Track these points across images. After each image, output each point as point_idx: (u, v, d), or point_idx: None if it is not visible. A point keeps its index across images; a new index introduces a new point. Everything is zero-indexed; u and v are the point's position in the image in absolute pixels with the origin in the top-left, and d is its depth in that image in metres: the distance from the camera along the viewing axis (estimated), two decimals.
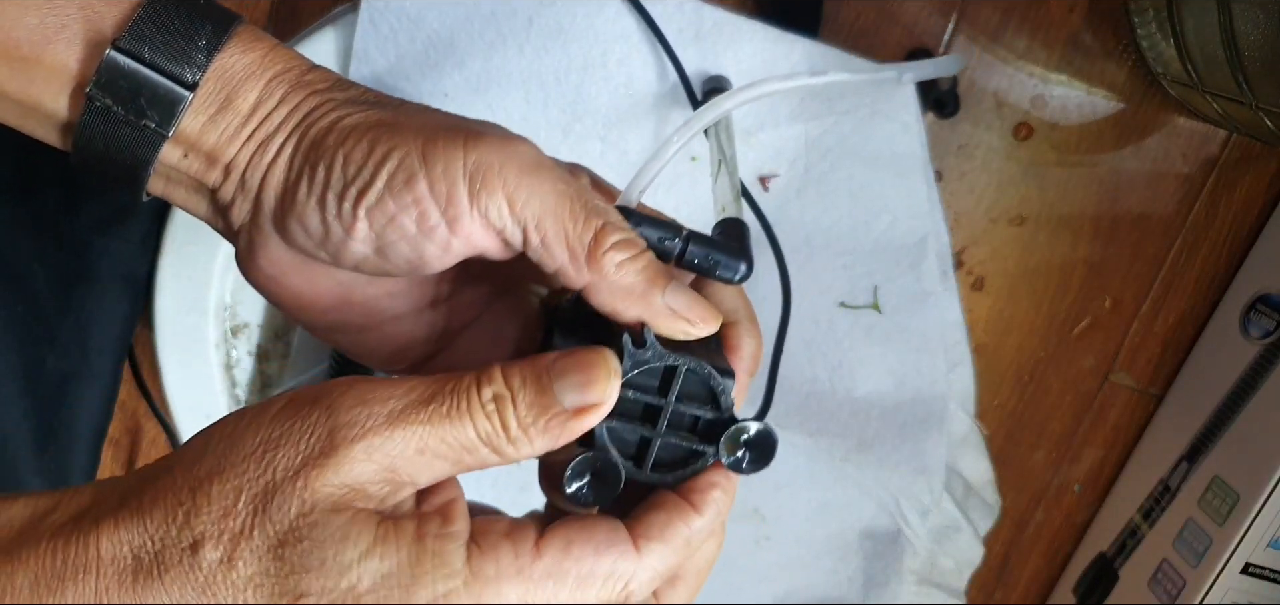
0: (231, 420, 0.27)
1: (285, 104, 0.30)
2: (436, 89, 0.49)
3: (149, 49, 0.29)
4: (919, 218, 0.55)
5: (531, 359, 0.28)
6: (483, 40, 0.48)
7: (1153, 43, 0.55)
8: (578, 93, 0.50)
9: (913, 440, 0.59)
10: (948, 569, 0.65)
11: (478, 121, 0.31)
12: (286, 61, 0.31)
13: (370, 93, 0.32)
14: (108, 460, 0.60)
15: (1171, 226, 0.62)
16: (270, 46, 0.31)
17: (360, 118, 0.30)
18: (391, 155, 0.29)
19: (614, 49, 0.49)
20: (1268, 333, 0.59)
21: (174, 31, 0.29)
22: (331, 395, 0.26)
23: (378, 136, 0.29)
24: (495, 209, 0.29)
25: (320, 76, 0.31)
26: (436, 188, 0.29)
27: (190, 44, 0.29)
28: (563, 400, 0.27)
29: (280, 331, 0.55)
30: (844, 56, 0.52)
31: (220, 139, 0.30)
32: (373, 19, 0.47)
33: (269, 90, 0.30)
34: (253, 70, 0.30)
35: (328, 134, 0.30)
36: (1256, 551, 0.59)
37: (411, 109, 0.31)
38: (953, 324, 0.59)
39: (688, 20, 0.49)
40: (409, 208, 0.29)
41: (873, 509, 0.62)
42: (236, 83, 0.30)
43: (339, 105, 0.31)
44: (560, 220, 0.29)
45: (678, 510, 0.29)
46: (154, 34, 0.29)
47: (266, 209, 0.31)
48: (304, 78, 0.31)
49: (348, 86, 0.32)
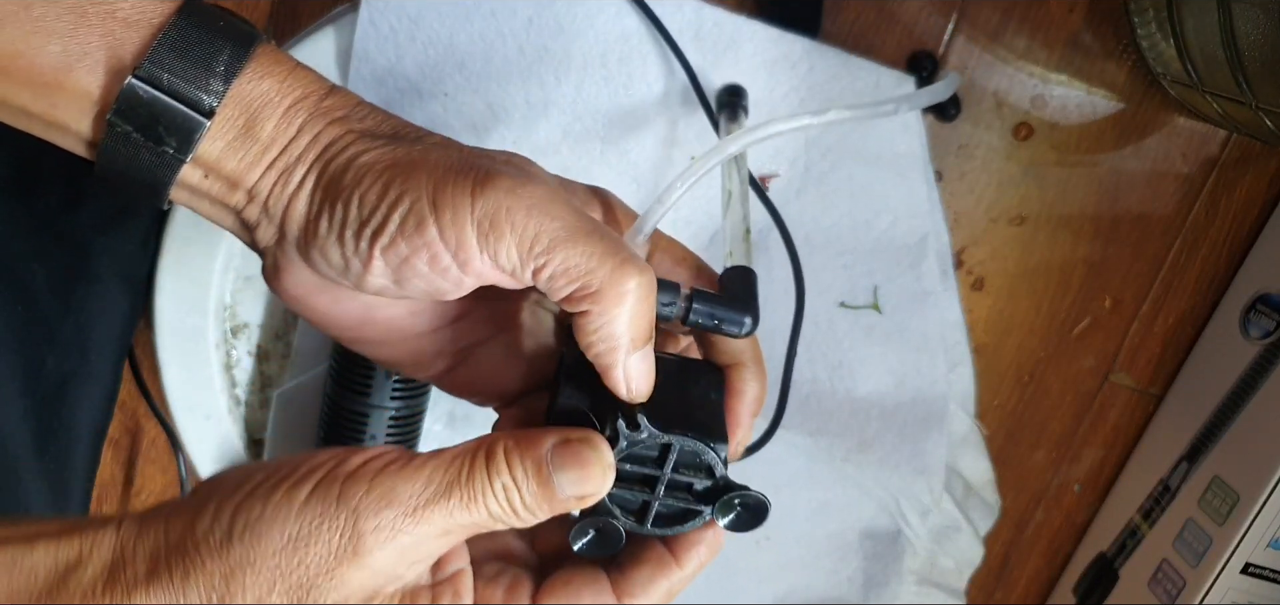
0: (252, 500, 0.28)
1: (305, 133, 0.31)
2: (437, 88, 0.49)
3: (168, 75, 0.29)
4: (919, 217, 0.55)
5: (532, 441, 0.30)
6: (482, 40, 0.48)
7: (1153, 43, 0.55)
8: (578, 92, 0.50)
9: (913, 440, 0.59)
10: (948, 569, 0.65)
11: (492, 157, 0.32)
12: (305, 86, 0.31)
13: (388, 121, 0.32)
14: (108, 460, 0.60)
15: (1171, 226, 0.62)
16: (289, 70, 0.31)
17: (376, 156, 0.31)
18: (403, 198, 0.30)
19: (614, 48, 0.49)
20: (1268, 333, 0.59)
21: (192, 58, 0.30)
22: (355, 495, 0.28)
23: (391, 179, 0.30)
24: (504, 253, 0.30)
25: (339, 102, 0.32)
26: (446, 234, 0.30)
27: (208, 71, 0.30)
28: (561, 492, 0.29)
29: (280, 332, 0.55)
30: (844, 56, 0.52)
31: (240, 165, 0.31)
32: (373, 19, 0.47)
33: (289, 118, 0.31)
34: (271, 97, 0.31)
35: (345, 171, 0.31)
36: (1256, 551, 0.59)
37: (428, 145, 0.32)
38: (953, 324, 0.59)
39: (688, 20, 0.49)
40: (421, 250, 0.30)
41: (873, 509, 0.62)
42: (255, 110, 0.31)
43: (357, 139, 0.31)
44: (567, 261, 0.30)
45: (662, 565, 0.32)
46: (172, 60, 0.29)
47: (290, 237, 0.32)
48: (323, 104, 0.31)
49: (365, 113, 0.32)
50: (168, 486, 0.61)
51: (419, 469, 0.28)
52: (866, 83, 0.53)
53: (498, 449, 0.29)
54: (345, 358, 0.50)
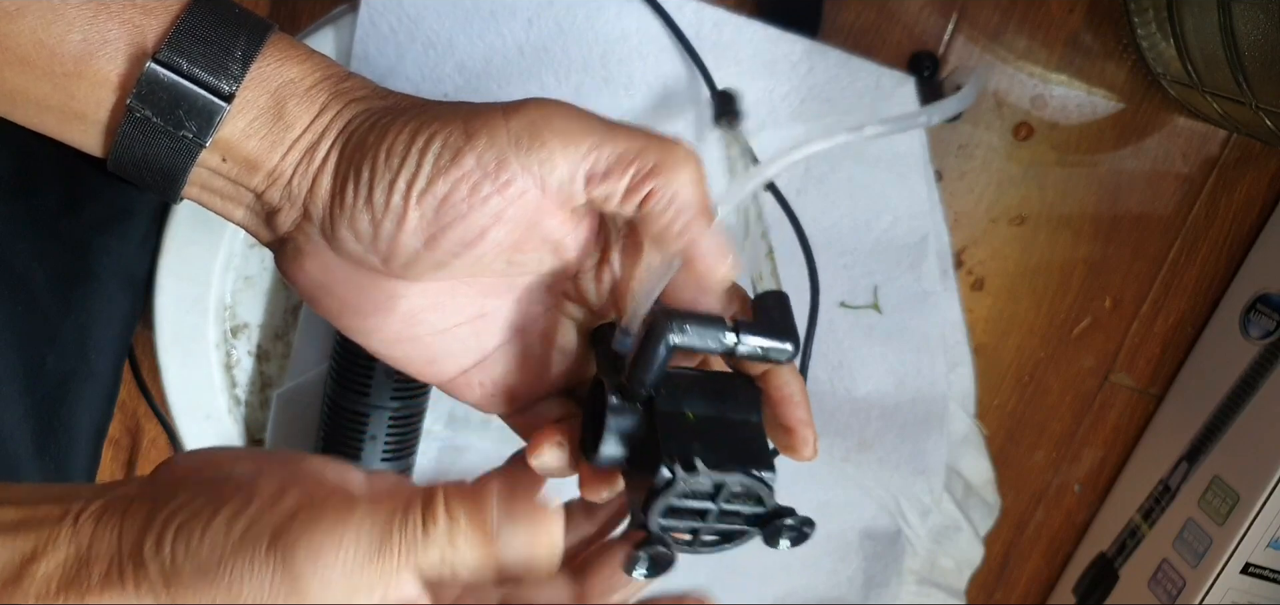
0: (192, 524, 0.27)
1: (327, 112, 0.31)
2: (436, 90, 0.49)
3: (187, 61, 0.30)
4: (919, 218, 0.55)
5: (477, 496, 0.28)
6: (482, 41, 0.48)
7: (1153, 43, 0.55)
8: (578, 92, 0.50)
9: (913, 440, 0.59)
10: (948, 569, 0.65)
11: (512, 101, 0.32)
12: (324, 69, 0.32)
13: (407, 97, 0.32)
14: (108, 460, 0.60)
15: (1171, 226, 0.62)
16: (304, 54, 0.32)
17: (401, 116, 0.31)
18: (435, 138, 0.30)
19: (614, 49, 0.49)
20: (1268, 333, 0.59)
21: (211, 43, 0.30)
22: (292, 546, 0.26)
23: (419, 126, 0.30)
24: (547, 162, 0.30)
25: (358, 84, 0.32)
26: (484, 158, 0.29)
27: (227, 55, 0.30)
28: (505, 553, 0.28)
29: (280, 332, 0.55)
30: (844, 57, 0.52)
31: (262, 146, 0.31)
32: (373, 19, 0.47)
33: (311, 98, 0.31)
34: (293, 79, 0.31)
35: (370, 133, 0.31)
36: (1256, 551, 0.59)
37: (448, 104, 0.32)
38: (953, 324, 0.59)
39: (688, 21, 0.49)
40: (459, 185, 0.29)
41: (873, 509, 0.62)
42: (279, 92, 0.31)
43: (379, 113, 0.31)
44: (617, 150, 0.30)
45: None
46: (192, 46, 0.30)
47: (315, 218, 0.32)
48: (341, 86, 0.32)
49: (386, 94, 0.32)
50: None
51: (352, 520, 0.27)
52: (866, 83, 0.53)
53: (436, 498, 0.27)
54: (345, 358, 0.50)
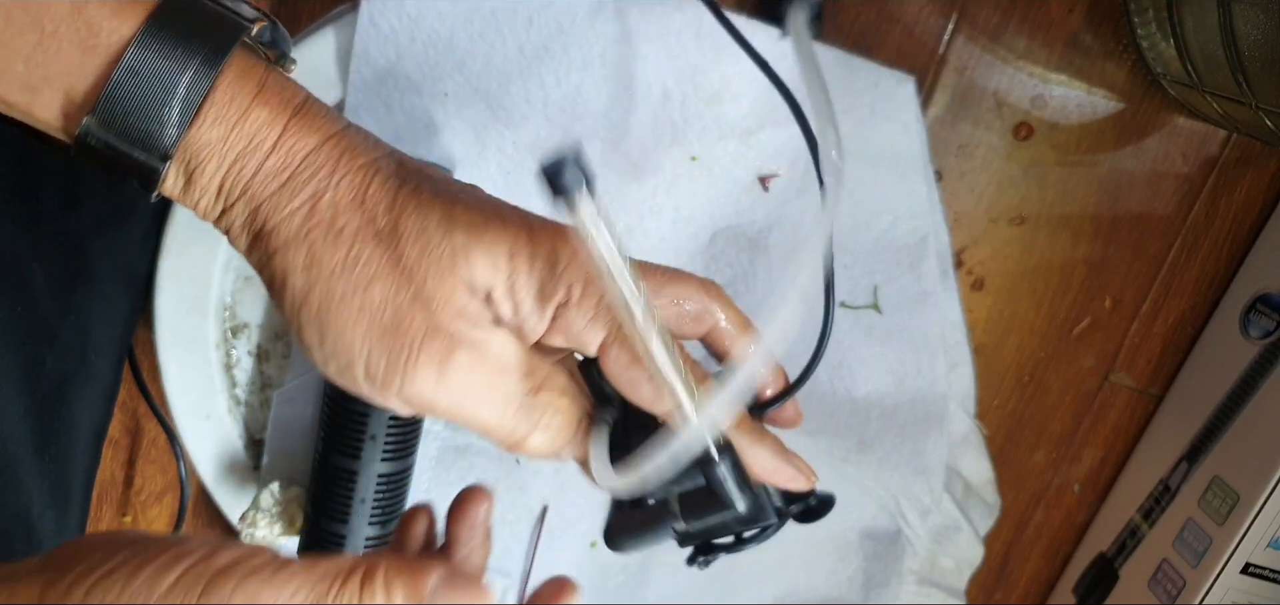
0: (111, 579, 0.26)
1: (237, 210, 0.30)
2: (436, 90, 0.49)
3: (117, 133, 0.28)
4: (919, 217, 0.55)
5: (417, 571, 0.28)
6: (483, 40, 0.48)
7: (1153, 43, 0.55)
8: (577, 93, 0.50)
9: (913, 440, 0.59)
10: (948, 569, 0.65)
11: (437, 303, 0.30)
12: (251, 134, 0.30)
13: (312, 186, 0.30)
14: (108, 460, 0.60)
15: (1171, 226, 0.62)
16: (237, 116, 0.29)
17: (301, 283, 0.30)
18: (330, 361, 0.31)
19: (614, 48, 0.49)
20: (1268, 333, 0.59)
21: (142, 101, 0.28)
22: (220, 592, 0.26)
23: (324, 326, 0.30)
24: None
25: (279, 161, 0.30)
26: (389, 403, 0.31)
27: (161, 115, 0.28)
28: None
29: (280, 331, 0.55)
30: (844, 56, 0.52)
31: (196, 208, 0.31)
32: (373, 18, 0.47)
33: (229, 182, 0.30)
34: (213, 150, 0.29)
35: (282, 293, 0.30)
36: (1257, 551, 0.59)
37: (356, 276, 0.30)
38: (953, 324, 0.59)
39: (687, 20, 0.49)
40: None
41: (873, 509, 0.62)
42: (194, 165, 0.30)
43: (281, 249, 0.30)
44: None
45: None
46: (123, 112, 0.28)
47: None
48: (264, 165, 0.30)
49: (299, 184, 0.30)
50: (168, 486, 0.61)
51: (289, 578, 0.27)
52: (866, 82, 0.53)
53: (378, 570, 0.28)
54: None
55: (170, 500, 0.61)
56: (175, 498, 0.61)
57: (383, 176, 0.30)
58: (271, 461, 0.55)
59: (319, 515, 0.51)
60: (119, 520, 0.62)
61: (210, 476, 0.56)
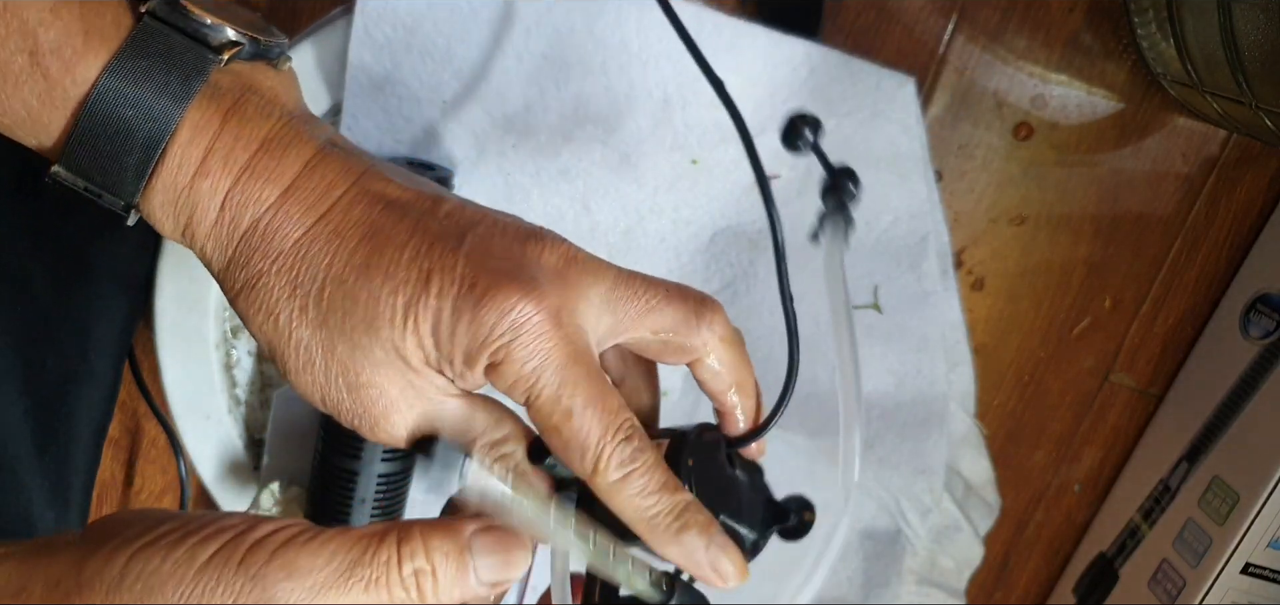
0: (151, 551, 0.26)
1: (200, 255, 0.31)
2: (434, 98, 0.49)
3: (85, 178, 0.29)
4: (919, 218, 0.55)
5: (452, 526, 0.28)
6: (481, 51, 0.48)
7: (1153, 43, 0.55)
8: (578, 99, 0.50)
9: (913, 440, 0.59)
10: (948, 569, 0.65)
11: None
12: (192, 207, 0.30)
13: (249, 268, 0.31)
14: (108, 460, 0.60)
15: (1171, 226, 0.62)
16: (184, 184, 0.30)
17: (258, 334, 0.31)
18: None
19: (614, 57, 0.49)
20: (1268, 333, 0.59)
21: (104, 160, 0.29)
22: (256, 563, 0.26)
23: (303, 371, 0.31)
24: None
25: (222, 237, 0.31)
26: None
27: (118, 178, 0.29)
28: (477, 576, 0.28)
29: None
30: (843, 57, 0.52)
31: (168, 236, 0.31)
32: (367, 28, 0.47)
33: (183, 238, 0.31)
34: (168, 212, 0.30)
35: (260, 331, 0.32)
36: (1257, 552, 0.59)
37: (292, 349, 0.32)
38: (953, 324, 0.59)
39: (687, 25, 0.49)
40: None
41: (873, 508, 0.62)
42: (157, 222, 0.31)
43: (234, 290, 0.32)
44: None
45: None
46: (87, 162, 0.29)
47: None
48: (210, 235, 0.31)
49: (240, 261, 0.31)
50: (168, 486, 0.61)
51: (324, 545, 0.27)
52: (867, 85, 0.53)
53: (413, 531, 0.28)
54: None
55: (170, 500, 0.61)
56: (175, 498, 0.61)
57: (324, 241, 0.30)
58: (272, 461, 0.55)
59: (319, 515, 0.51)
60: None
61: (210, 476, 0.56)
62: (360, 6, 0.47)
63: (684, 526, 0.32)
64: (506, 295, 0.29)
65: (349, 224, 0.31)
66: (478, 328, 0.29)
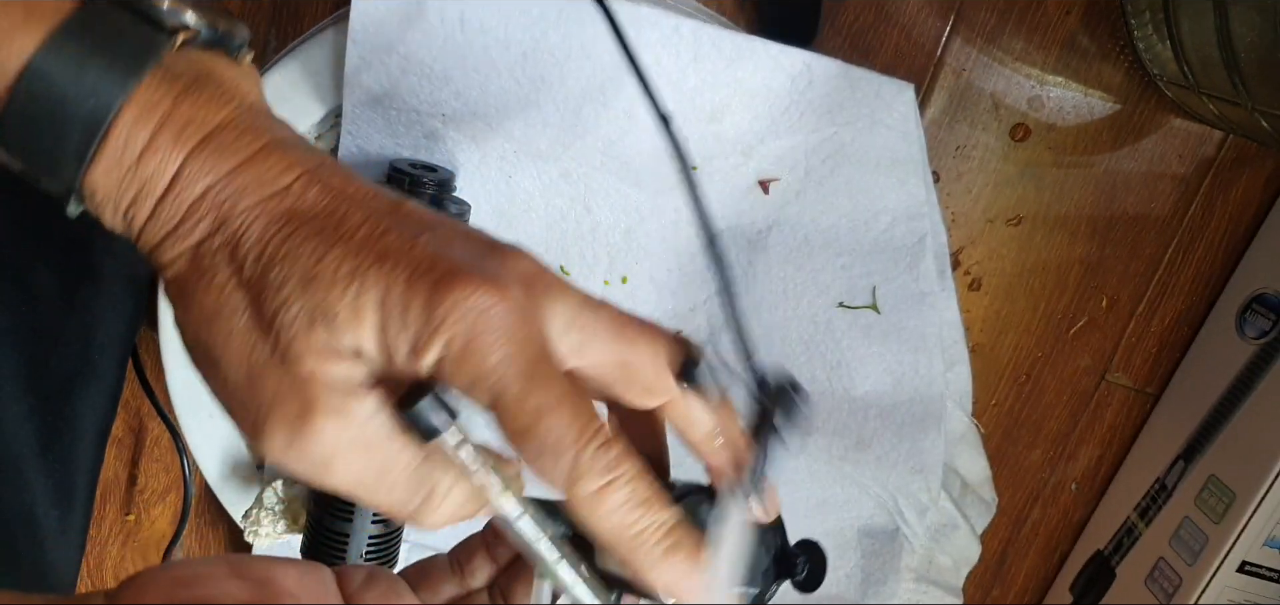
0: None
1: (140, 246, 0.29)
2: (434, 111, 0.49)
3: (24, 158, 0.27)
4: (917, 218, 0.56)
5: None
6: (478, 74, 0.48)
7: (1149, 44, 0.55)
8: (576, 118, 0.50)
9: (910, 439, 0.59)
10: (945, 566, 0.65)
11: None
12: (140, 183, 0.28)
13: (196, 234, 0.28)
14: (112, 459, 0.60)
15: (1168, 227, 0.62)
16: (130, 162, 0.28)
17: (182, 326, 0.29)
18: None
19: (613, 77, 0.49)
20: (1263, 332, 0.59)
21: (40, 140, 0.27)
22: None
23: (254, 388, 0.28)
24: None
25: (167, 214, 0.28)
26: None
27: (57, 161, 0.27)
28: None
29: None
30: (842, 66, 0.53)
31: (110, 226, 0.29)
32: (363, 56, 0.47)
33: (123, 226, 0.29)
34: (109, 198, 0.28)
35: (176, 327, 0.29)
36: (1252, 550, 0.59)
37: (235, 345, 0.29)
38: (950, 324, 0.60)
39: (686, 41, 0.49)
40: None
41: (871, 507, 0.62)
42: (98, 206, 0.28)
43: (171, 275, 0.29)
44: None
45: None
46: (23, 141, 0.27)
47: None
48: (156, 212, 0.28)
49: (184, 232, 0.28)
50: (171, 484, 0.61)
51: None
52: (867, 92, 0.53)
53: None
54: None
55: (174, 499, 0.62)
56: (179, 496, 0.61)
57: (269, 217, 0.28)
58: None
59: (322, 513, 0.52)
60: (122, 519, 0.62)
61: (214, 475, 0.56)
62: (353, 36, 0.46)
63: (674, 547, 0.28)
64: (466, 284, 0.26)
65: (304, 204, 0.28)
66: (432, 311, 0.26)
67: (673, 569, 0.28)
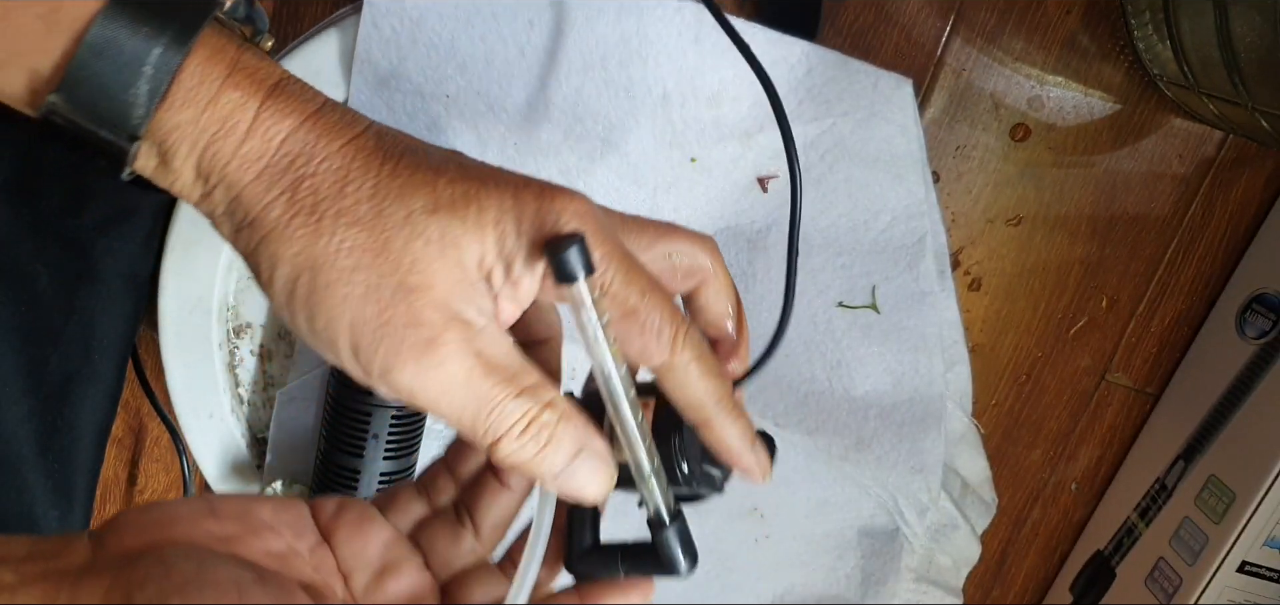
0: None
1: (218, 194, 0.29)
2: (438, 91, 0.49)
3: (83, 112, 0.27)
4: (917, 218, 0.56)
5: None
6: (484, 44, 0.49)
7: (1149, 44, 0.55)
8: (578, 94, 0.50)
9: (910, 439, 0.59)
10: (945, 567, 0.65)
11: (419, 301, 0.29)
12: (222, 119, 0.29)
13: (291, 174, 0.29)
14: (111, 459, 0.60)
15: (1168, 227, 0.62)
16: (208, 97, 0.28)
17: (287, 273, 0.29)
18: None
19: (614, 52, 0.50)
20: (1263, 332, 0.59)
21: (110, 79, 0.27)
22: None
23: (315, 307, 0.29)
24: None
25: (255, 148, 0.29)
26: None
27: (128, 95, 0.27)
28: None
29: (283, 331, 0.55)
30: (842, 59, 0.53)
31: (173, 185, 0.30)
32: (376, 21, 0.48)
33: (206, 165, 0.29)
34: (186, 134, 0.28)
35: (270, 281, 0.29)
36: (1252, 550, 0.59)
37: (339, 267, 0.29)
38: (950, 323, 0.60)
39: (687, 23, 0.50)
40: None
41: (871, 507, 0.62)
42: (167, 147, 0.28)
43: (268, 225, 0.29)
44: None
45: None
46: (88, 92, 0.27)
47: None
48: (240, 151, 0.29)
49: (277, 170, 0.29)
50: (171, 485, 0.61)
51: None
52: (865, 85, 0.53)
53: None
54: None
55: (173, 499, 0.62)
56: (178, 496, 0.61)
57: (365, 157, 0.29)
58: (274, 460, 0.56)
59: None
60: None
61: (213, 475, 0.56)
62: (369, 1, 0.47)
63: (737, 407, 0.32)
64: (563, 193, 0.29)
65: (388, 144, 0.30)
66: (543, 218, 0.29)
67: (739, 425, 0.32)
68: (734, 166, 0.54)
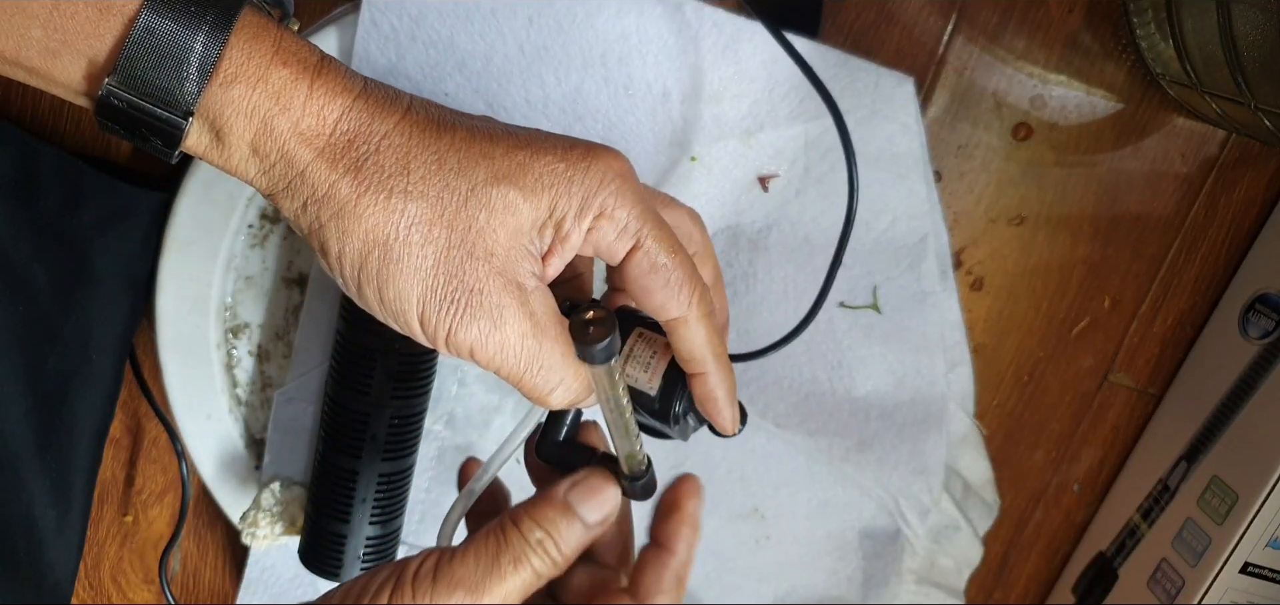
0: None
1: (282, 172, 0.30)
2: (437, 89, 0.49)
3: (140, 80, 0.29)
4: (918, 218, 0.56)
5: (546, 496, 0.34)
6: (483, 39, 0.49)
7: (1152, 43, 0.55)
8: (578, 91, 0.50)
9: (912, 440, 0.59)
10: (947, 568, 0.65)
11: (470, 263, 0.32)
12: (276, 92, 0.30)
13: (353, 152, 0.31)
14: (109, 459, 0.60)
15: (1170, 227, 0.62)
16: (262, 67, 0.29)
17: (357, 248, 0.31)
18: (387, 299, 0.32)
19: (614, 48, 0.50)
20: (1266, 333, 0.59)
21: (164, 57, 0.28)
22: (424, 589, 0.31)
23: (384, 273, 0.31)
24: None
25: (311, 128, 0.30)
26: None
27: (180, 73, 0.29)
28: (588, 520, 0.34)
29: (281, 332, 0.55)
30: (843, 57, 0.52)
31: (226, 164, 0.31)
32: (374, 18, 0.48)
33: (263, 143, 0.30)
34: (240, 110, 0.30)
35: (340, 257, 0.31)
36: (1255, 551, 0.59)
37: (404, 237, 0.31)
38: (952, 324, 0.59)
39: (687, 20, 0.49)
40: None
41: (872, 508, 0.62)
42: (221, 123, 0.30)
43: (337, 203, 0.31)
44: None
45: (659, 559, 0.36)
46: (144, 63, 0.28)
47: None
48: (300, 128, 0.30)
49: (337, 148, 0.30)
50: (169, 486, 0.61)
51: (465, 553, 0.32)
52: (866, 83, 0.53)
53: (521, 513, 0.33)
54: (346, 357, 0.50)
55: (171, 500, 0.61)
56: (176, 497, 0.61)
57: (420, 133, 0.31)
58: (272, 461, 0.55)
59: (320, 515, 0.51)
60: (120, 519, 0.62)
61: (211, 476, 0.56)
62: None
63: (730, 367, 0.36)
64: (605, 153, 0.33)
65: (438, 117, 0.32)
66: (588, 178, 0.32)
67: (730, 385, 0.36)
68: (734, 165, 0.53)
